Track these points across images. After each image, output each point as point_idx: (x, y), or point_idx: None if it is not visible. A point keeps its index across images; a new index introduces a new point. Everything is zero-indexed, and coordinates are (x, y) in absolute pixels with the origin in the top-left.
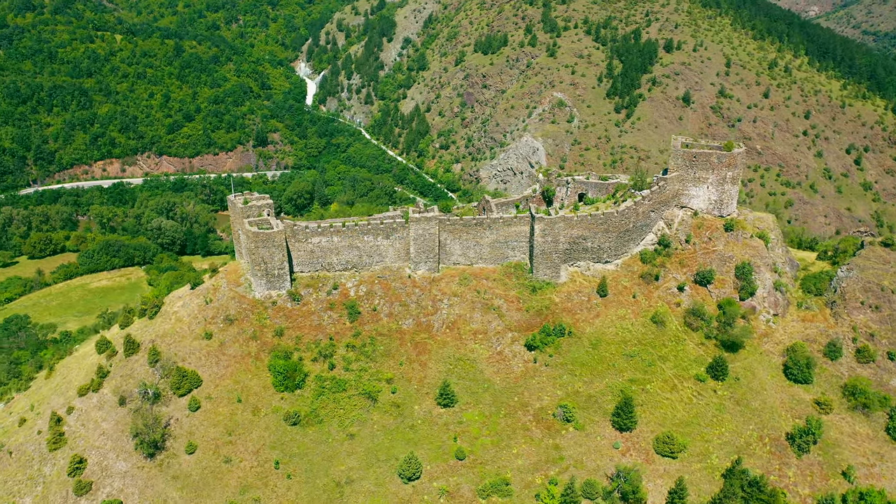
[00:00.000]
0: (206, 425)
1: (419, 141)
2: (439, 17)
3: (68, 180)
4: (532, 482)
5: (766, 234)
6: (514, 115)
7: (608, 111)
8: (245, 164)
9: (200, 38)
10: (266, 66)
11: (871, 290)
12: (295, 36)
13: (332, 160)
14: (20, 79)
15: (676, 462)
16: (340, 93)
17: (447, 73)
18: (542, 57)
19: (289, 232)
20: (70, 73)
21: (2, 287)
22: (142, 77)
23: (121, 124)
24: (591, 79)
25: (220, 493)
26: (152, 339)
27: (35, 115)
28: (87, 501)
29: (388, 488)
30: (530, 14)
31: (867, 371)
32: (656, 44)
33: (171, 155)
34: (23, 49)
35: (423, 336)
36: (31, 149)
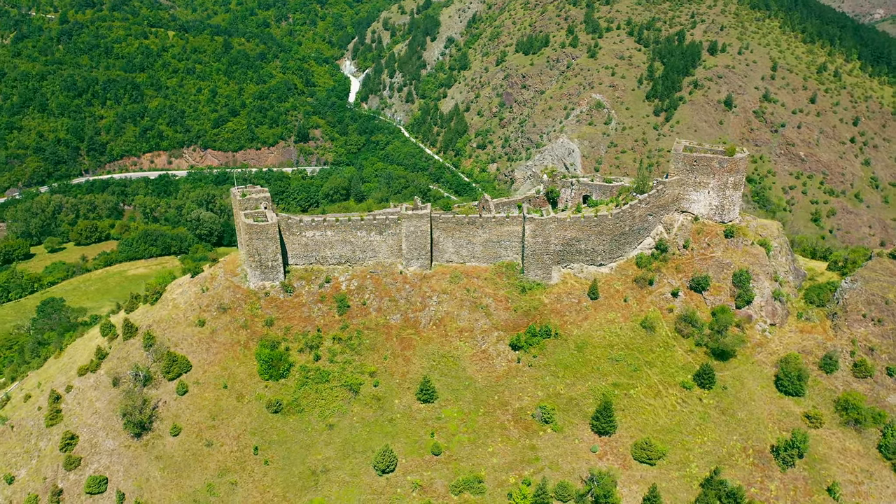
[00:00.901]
0: (191, 409)
1: (457, 140)
2: (483, 17)
3: (118, 171)
4: (505, 481)
5: (768, 241)
6: (552, 115)
7: (647, 114)
8: (286, 159)
9: (249, 36)
10: (311, 63)
11: (875, 303)
12: (342, 34)
13: (371, 157)
14: (77, 73)
15: (654, 469)
16: (382, 91)
17: (488, 72)
18: (583, 58)
19: (283, 225)
20: (124, 68)
21: (46, 271)
22: (191, 72)
23: (169, 118)
24: (631, 81)
25: (200, 475)
26: (149, 324)
27: (89, 108)
28: (75, 476)
29: (362, 479)
30: (573, 14)
31: (863, 386)
32: (700, 46)
33: (216, 149)
34: (81, 44)
35: (409, 332)
36: (84, 140)
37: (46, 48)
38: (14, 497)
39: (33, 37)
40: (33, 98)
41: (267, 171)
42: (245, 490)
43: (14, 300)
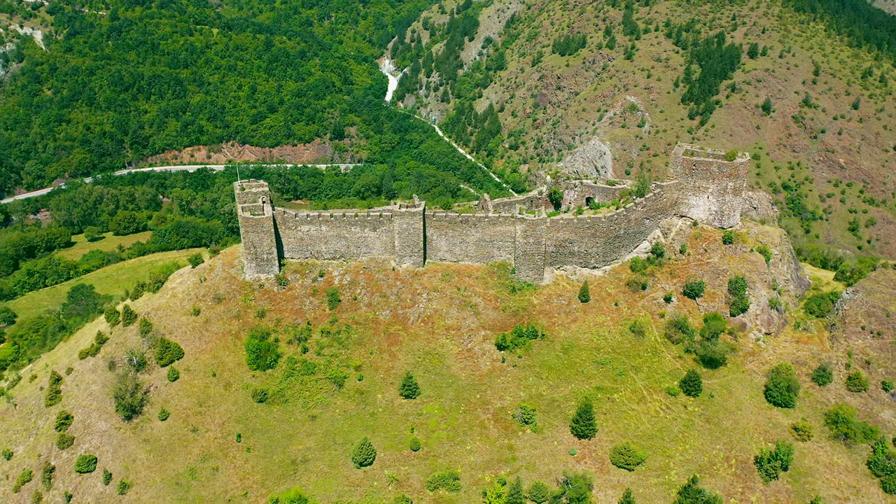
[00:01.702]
0: (180, 395)
1: (489, 140)
2: (522, 18)
3: (159, 164)
4: (481, 479)
5: (768, 249)
6: (585, 117)
7: (681, 117)
8: (321, 155)
9: (290, 34)
10: (350, 61)
11: (875, 315)
12: (382, 33)
13: (404, 155)
14: (124, 68)
15: (632, 475)
16: (419, 90)
17: (524, 73)
18: (619, 59)
19: (279, 219)
20: (168, 64)
21: (84, 259)
22: (232, 69)
23: (210, 113)
24: (667, 83)
25: (184, 459)
26: (148, 311)
27: (135, 103)
28: (67, 454)
29: (340, 471)
30: (612, 16)
31: (856, 400)
32: (740, 49)
33: (254, 144)
34: (129, 40)
35: (397, 327)
36: (128, 133)
37: (96, 44)
38: (10, 472)
39: (85, 33)
40: (82, 92)
41: (302, 167)
42: (226, 476)
43: (50, 286)
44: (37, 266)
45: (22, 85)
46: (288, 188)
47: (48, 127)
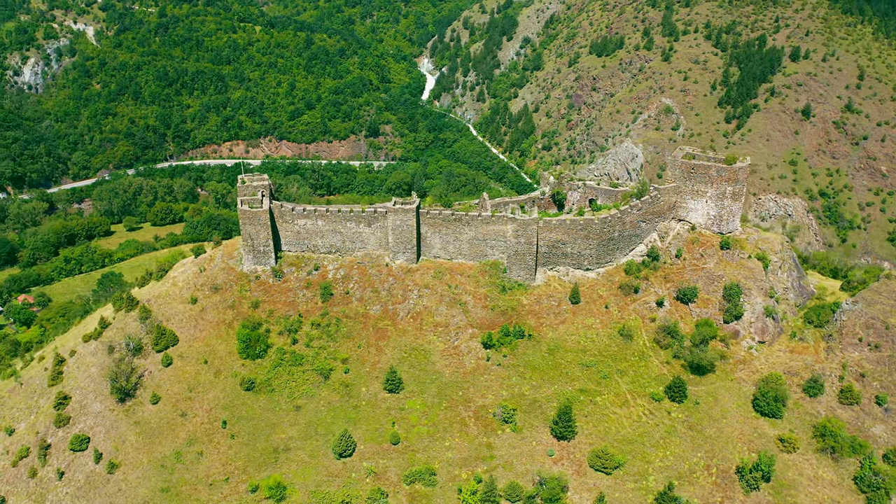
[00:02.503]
0: (172, 380)
1: (523, 140)
2: (561, 18)
3: (199, 158)
4: (458, 476)
5: (767, 255)
6: (619, 119)
7: (717, 121)
8: (356, 152)
9: (331, 32)
10: (389, 60)
11: (874, 327)
12: (422, 32)
13: (437, 154)
14: (169, 64)
15: (609, 479)
16: (455, 89)
17: (560, 73)
18: (656, 61)
19: (276, 212)
20: (211, 60)
21: (120, 248)
22: (273, 66)
23: (249, 109)
24: (704, 86)
25: (171, 443)
26: (149, 298)
27: (178, 97)
28: (63, 433)
29: (320, 461)
30: (651, 17)
31: (847, 413)
32: (781, 51)
33: (290, 140)
34: (175, 37)
35: (386, 322)
36: (170, 127)
37: (144, 40)
38: (11, 447)
39: (134, 29)
40: (129, 86)
41: (336, 164)
42: (209, 460)
43: (85, 273)
44: (74, 253)
45: (73, 79)
46: (321, 184)
47: (95, 119)
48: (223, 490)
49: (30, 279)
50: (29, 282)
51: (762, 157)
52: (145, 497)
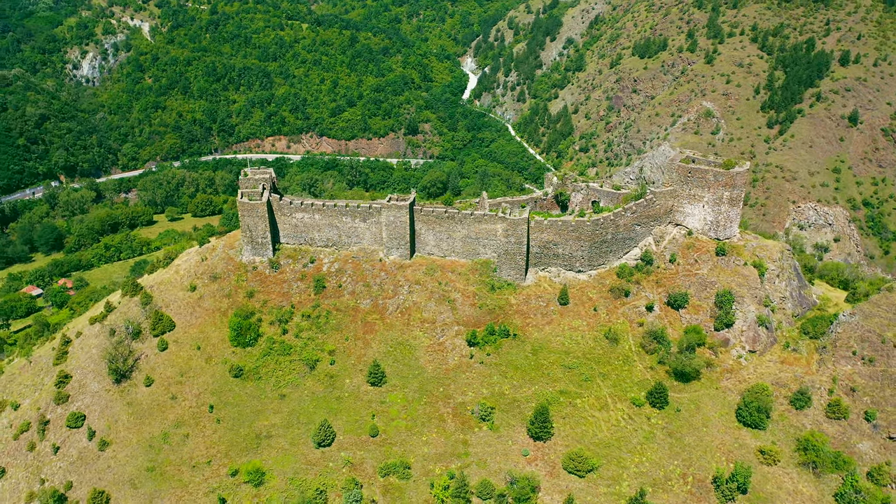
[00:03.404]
0: (166, 364)
1: (560, 142)
2: (606, 19)
3: (242, 152)
4: (432, 471)
5: (763, 263)
6: (658, 122)
7: (759, 125)
8: (394, 150)
9: (376, 31)
10: (432, 59)
11: (869, 341)
12: (467, 32)
13: (473, 153)
14: (218, 60)
15: (582, 481)
16: (496, 89)
17: (601, 75)
18: (699, 64)
19: (275, 205)
20: (258, 57)
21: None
22: (317, 64)
23: (292, 105)
24: (747, 89)
25: (159, 424)
26: (152, 285)
27: (225, 93)
28: (61, 410)
29: (299, 449)
30: (696, 18)
31: (834, 428)
32: (830, 55)
33: (331, 136)
34: (225, 34)
35: (374, 317)
36: (216, 121)
37: (196, 36)
38: (14, 422)
39: (186, 25)
40: (178, 81)
41: (374, 161)
42: (194, 443)
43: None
44: (114, 241)
45: (127, 73)
46: (358, 180)
47: (146, 113)
48: (205, 472)
49: (71, 264)
50: (70, 266)
51: (804, 163)
52: (131, 475)
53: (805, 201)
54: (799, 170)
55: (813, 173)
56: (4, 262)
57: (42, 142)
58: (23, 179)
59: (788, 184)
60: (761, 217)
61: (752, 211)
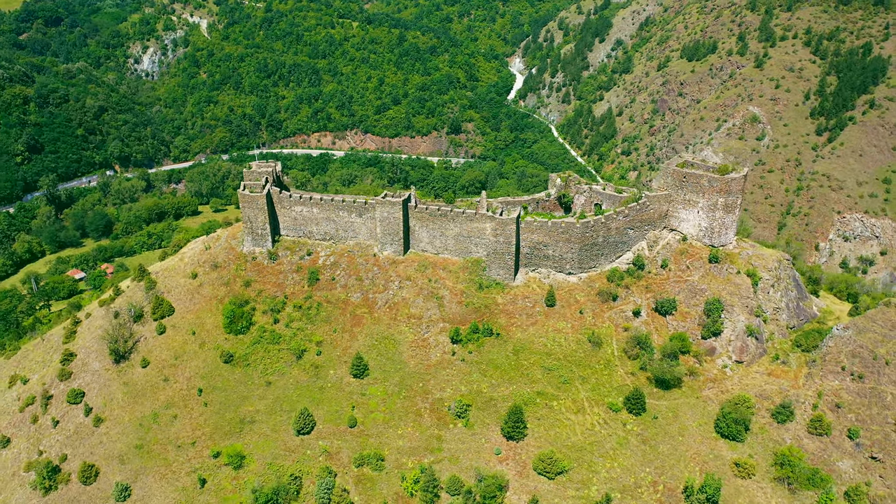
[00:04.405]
0: (162, 347)
1: (602, 144)
2: (656, 20)
3: (289, 147)
4: (405, 464)
5: (757, 272)
6: (702, 126)
7: (807, 132)
8: (436, 149)
9: (424, 30)
10: (479, 59)
11: (860, 356)
12: (517, 32)
13: (514, 154)
14: (270, 56)
15: (552, 483)
16: (541, 90)
17: (648, 77)
18: (748, 67)
19: (275, 198)
20: (309, 54)
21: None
22: (365, 62)
23: (339, 102)
24: (797, 95)
25: (151, 404)
26: (158, 271)
27: (275, 89)
28: (64, 385)
29: (280, 435)
30: (748, 21)
31: (815, 444)
32: (888, 61)
33: (375, 134)
34: (278, 31)
35: (363, 310)
36: (265, 116)
37: (250, 33)
38: (22, 395)
39: (241, 23)
40: (231, 76)
41: (415, 159)
42: (181, 424)
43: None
44: (156, 229)
45: (183, 68)
46: (399, 178)
47: (199, 106)
48: (189, 453)
49: (115, 250)
50: (114, 252)
51: (852, 172)
52: (121, 451)
53: (851, 212)
54: (846, 179)
55: (861, 183)
56: (57, 246)
57: (99, 132)
58: (80, 168)
59: (834, 193)
60: (803, 227)
61: (794, 220)
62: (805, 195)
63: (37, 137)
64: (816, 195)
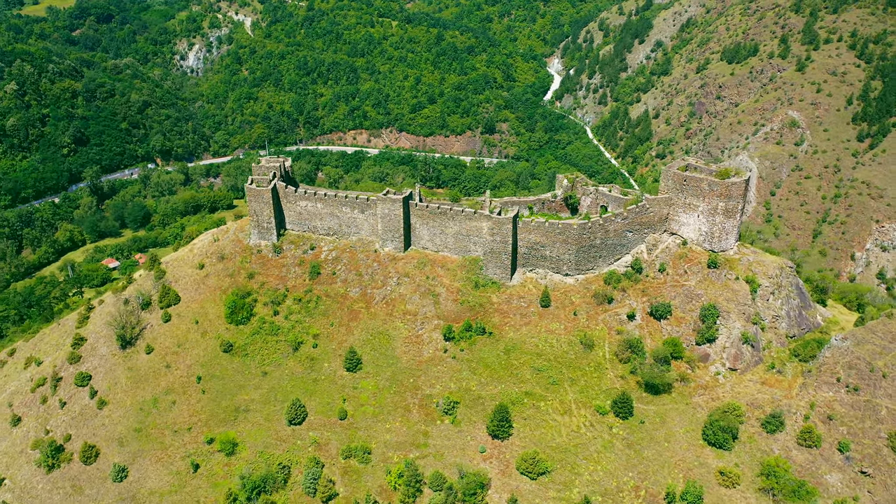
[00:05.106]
0: (166, 335)
1: (637, 147)
2: (698, 22)
3: (325, 144)
4: (391, 458)
5: (756, 279)
6: (739, 130)
7: (848, 138)
8: (470, 148)
9: (463, 30)
10: (517, 59)
11: (857, 368)
12: (557, 32)
13: (548, 154)
14: (310, 54)
15: (534, 483)
16: (578, 91)
17: (686, 79)
18: (790, 71)
19: (281, 193)
20: (348, 52)
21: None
22: (402, 60)
23: (375, 100)
24: (839, 99)
25: (152, 389)
26: (169, 261)
27: (313, 86)
28: (73, 368)
29: (272, 425)
30: (792, 23)
31: (804, 456)
32: None
33: (409, 132)
34: (318, 29)
35: (361, 305)
36: (303, 113)
37: (291, 31)
38: (34, 376)
39: (283, 21)
40: (271, 74)
41: (448, 158)
42: (179, 410)
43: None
44: (189, 221)
45: (226, 65)
46: (431, 176)
47: (239, 103)
48: (184, 438)
49: (150, 240)
50: (149, 243)
51: (894, 180)
52: (120, 434)
53: (890, 221)
54: (888, 187)
55: None
56: (97, 236)
57: (143, 126)
58: (123, 160)
59: (874, 202)
60: (839, 235)
61: (830, 228)
62: (843, 203)
63: (83, 130)
64: (855, 203)
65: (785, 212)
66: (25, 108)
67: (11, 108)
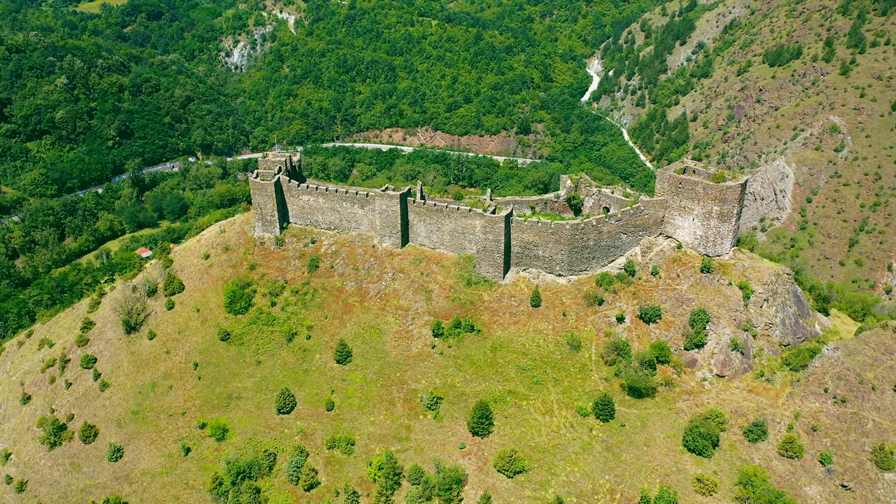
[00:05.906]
0: (168, 322)
1: (673, 150)
2: (742, 23)
3: (361, 141)
4: (373, 450)
5: (750, 285)
6: (778, 135)
7: (891, 145)
8: (504, 148)
9: (502, 29)
10: (556, 59)
11: (846, 379)
12: (599, 33)
13: (582, 156)
14: (349, 52)
15: (510, 482)
16: (616, 92)
17: (726, 82)
18: (833, 75)
19: (284, 187)
20: (387, 51)
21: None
22: (440, 59)
23: (412, 99)
24: (883, 105)
25: (151, 373)
26: (178, 250)
27: (352, 84)
28: (80, 351)
29: (262, 413)
30: (838, 25)
31: (784, 466)
32: None
33: (445, 131)
34: (359, 28)
35: (355, 299)
36: (341, 110)
37: (333, 29)
38: (45, 357)
39: (325, 19)
40: (311, 71)
41: (481, 158)
42: (175, 395)
43: None
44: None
45: (268, 62)
46: (463, 175)
47: (279, 99)
48: (178, 422)
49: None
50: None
51: None
52: (119, 416)
53: None
54: None
55: None
56: (136, 226)
57: (185, 121)
58: (165, 154)
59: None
60: (877, 245)
61: (867, 237)
62: (882, 211)
63: (128, 123)
64: (895, 212)
65: (821, 219)
66: (74, 102)
67: (61, 101)
